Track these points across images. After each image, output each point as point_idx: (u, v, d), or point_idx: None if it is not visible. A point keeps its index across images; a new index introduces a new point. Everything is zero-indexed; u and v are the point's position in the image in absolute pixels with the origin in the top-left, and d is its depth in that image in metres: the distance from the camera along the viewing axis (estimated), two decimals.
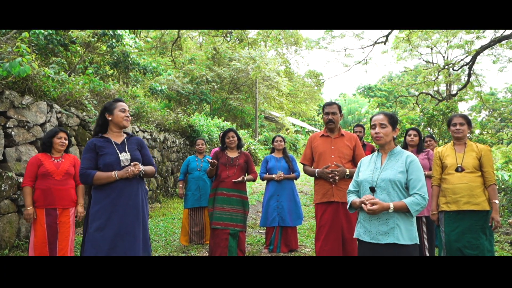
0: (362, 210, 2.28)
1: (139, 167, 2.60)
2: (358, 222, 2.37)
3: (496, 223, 3.09)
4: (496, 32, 12.97)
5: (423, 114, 10.22)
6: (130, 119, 2.82)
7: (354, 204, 2.32)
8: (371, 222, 2.26)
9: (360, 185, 2.40)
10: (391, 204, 2.17)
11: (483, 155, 3.15)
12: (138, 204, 2.66)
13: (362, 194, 2.36)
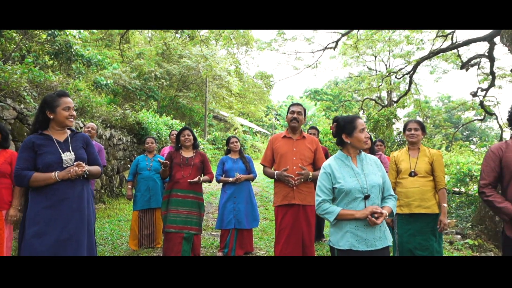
0: (354, 219, 2.19)
1: (83, 167, 2.37)
2: (346, 232, 2.21)
3: (443, 225, 3.25)
4: (433, 45, 13.91)
5: (368, 119, 10.65)
6: (75, 118, 2.58)
7: (351, 216, 2.18)
8: (367, 230, 2.21)
9: (346, 194, 2.23)
10: (385, 212, 2.19)
11: (434, 160, 3.32)
12: (83, 207, 2.44)
13: (348, 202, 2.23)
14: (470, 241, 5.39)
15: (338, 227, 2.24)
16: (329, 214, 2.22)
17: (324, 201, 2.27)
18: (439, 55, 14.65)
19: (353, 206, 2.21)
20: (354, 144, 2.32)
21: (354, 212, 2.18)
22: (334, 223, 2.25)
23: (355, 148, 2.34)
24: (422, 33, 16.41)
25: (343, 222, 2.22)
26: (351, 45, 16.67)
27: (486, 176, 2.45)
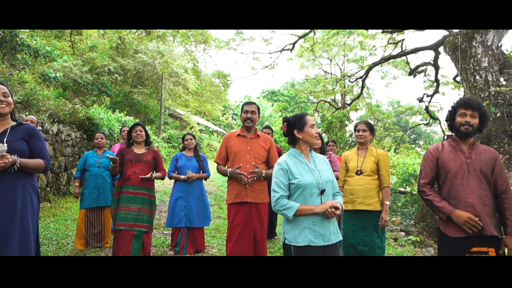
0: (311, 215, 2.23)
1: (10, 158, 2.21)
2: (304, 229, 2.23)
3: (384, 222, 3.41)
4: (385, 52, 14.55)
5: (322, 120, 10.94)
6: (11, 105, 2.41)
7: (310, 211, 2.22)
8: (324, 225, 2.26)
9: (303, 189, 2.26)
10: (339, 206, 2.26)
11: (380, 160, 3.48)
12: (14, 204, 2.26)
13: (305, 198, 2.27)
14: (413, 238, 5.70)
15: (295, 224, 2.27)
16: (288, 210, 2.23)
17: (282, 197, 2.28)
18: (390, 61, 15.35)
19: (310, 201, 2.26)
20: (305, 139, 2.38)
21: (313, 207, 2.23)
22: (291, 220, 2.27)
23: (307, 143, 2.41)
24: (375, 40, 17.12)
25: (301, 219, 2.25)
26: (307, 47, 17.03)
27: (425, 175, 2.61)
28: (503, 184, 2.49)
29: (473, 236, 2.39)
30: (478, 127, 2.55)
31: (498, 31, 6.46)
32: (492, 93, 5.89)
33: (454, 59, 6.83)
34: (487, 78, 6.17)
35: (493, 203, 2.49)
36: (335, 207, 2.19)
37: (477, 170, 2.46)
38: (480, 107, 2.54)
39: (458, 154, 2.53)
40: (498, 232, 2.42)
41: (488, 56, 6.33)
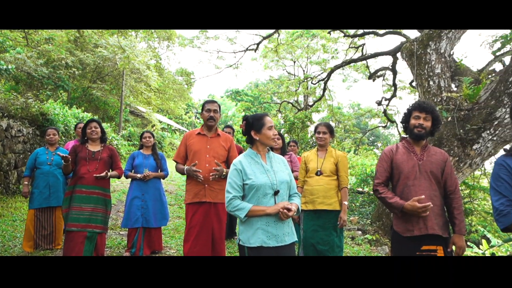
0: (264, 216, 2.22)
1: None
2: (257, 229, 2.21)
3: (343, 222, 3.49)
4: (346, 55, 14.93)
5: (284, 121, 11.05)
6: None
7: (262, 211, 2.20)
8: (278, 226, 2.25)
9: (257, 190, 2.25)
10: (294, 208, 2.25)
11: (339, 161, 3.56)
12: None
13: (258, 198, 2.25)
14: (369, 236, 5.87)
15: (249, 225, 2.25)
16: (240, 211, 2.21)
17: (235, 198, 2.26)
18: (351, 65, 15.77)
19: (264, 202, 2.24)
20: (262, 141, 2.36)
21: (265, 208, 2.21)
22: (244, 221, 2.25)
23: (264, 145, 2.39)
24: (337, 43, 17.54)
25: (254, 219, 2.24)
26: (271, 48, 17.15)
27: (380, 175, 2.69)
28: (452, 185, 2.61)
29: (423, 235, 2.48)
30: (430, 130, 2.66)
31: (450, 39, 6.80)
32: (444, 98, 6.19)
33: (410, 64, 7.12)
34: (440, 84, 6.48)
35: (442, 203, 2.61)
36: (287, 208, 2.19)
37: (428, 172, 2.57)
38: (433, 110, 2.65)
39: (411, 156, 2.63)
40: (446, 231, 2.54)
41: (441, 63, 6.65)
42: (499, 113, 5.03)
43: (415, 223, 2.50)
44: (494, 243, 6.88)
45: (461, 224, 2.56)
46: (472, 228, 8.16)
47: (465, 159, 5.48)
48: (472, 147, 5.38)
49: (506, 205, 1.89)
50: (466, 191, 7.98)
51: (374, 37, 13.15)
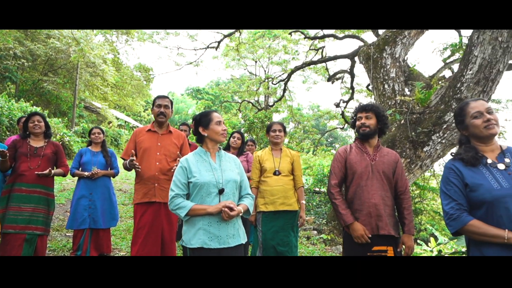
0: (208, 216, 2.13)
1: None
2: (199, 230, 2.13)
3: (303, 221, 3.49)
4: (307, 57, 15.14)
5: (244, 120, 11.01)
6: None
7: (203, 210, 2.11)
8: (221, 227, 2.15)
9: (200, 188, 2.17)
10: (241, 209, 2.18)
11: (295, 160, 3.54)
12: None
13: (202, 197, 2.17)
14: (324, 236, 5.94)
15: (191, 225, 2.16)
16: (181, 209, 2.13)
17: (178, 196, 2.17)
18: (311, 66, 16.03)
19: (207, 201, 2.16)
20: (211, 137, 2.29)
21: (206, 207, 2.12)
22: (186, 220, 2.16)
23: (213, 141, 2.31)
24: (298, 45, 17.75)
25: (196, 219, 2.15)
26: (233, 47, 17.06)
27: (335, 176, 2.68)
28: (402, 185, 2.66)
29: (374, 235, 2.50)
30: (378, 127, 2.70)
31: (405, 45, 7.03)
32: (398, 102, 6.38)
33: (367, 68, 7.29)
34: (394, 87, 6.68)
35: (393, 204, 2.65)
36: (229, 207, 2.11)
37: (380, 172, 2.60)
38: (373, 108, 2.69)
39: (364, 156, 2.64)
40: (396, 231, 2.58)
41: (396, 67, 6.86)
42: (448, 117, 5.24)
43: (367, 224, 2.52)
44: (441, 241, 7.20)
45: (410, 224, 2.61)
46: (421, 227, 8.51)
47: (416, 161, 5.67)
48: (422, 149, 5.58)
49: (456, 209, 1.91)
50: (416, 191, 8.30)
51: (334, 40, 13.45)
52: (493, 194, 1.82)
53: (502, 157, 1.93)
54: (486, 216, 1.84)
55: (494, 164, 1.91)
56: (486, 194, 1.83)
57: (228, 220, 2.14)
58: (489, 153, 1.96)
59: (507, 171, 1.87)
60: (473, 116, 1.97)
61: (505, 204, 1.79)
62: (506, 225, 1.77)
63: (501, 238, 1.74)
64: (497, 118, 1.95)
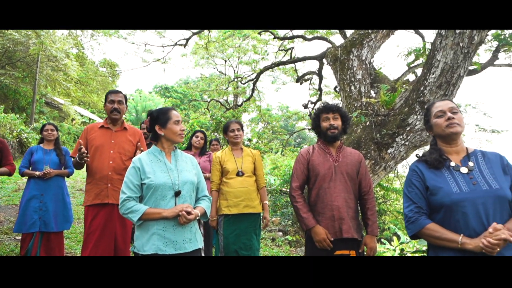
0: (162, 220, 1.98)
1: None
2: (153, 235, 1.98)
3: (267, 221, 3.39)
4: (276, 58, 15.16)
5: (211, 119, 10.84)
6: None
7: (158, 214, 1.97)
8: (177, 231, 2.01)
9: (155, 190, 2.02)
10: (198, 212, 2.06)
11: (256, 160, 3.43)
12: None
13: (156, 200, 2.02)
14: (289, 237, 5.88)
15: (145, 230, 2.00)
16: (133, 213, 1.96)
17: (129, 199, 2.00)
18: (280, 67, 16.06)
19: (162, 204, 2.01)
20: (168, 137, 2.14)
21: (161, 211, 1.98)
22: (139, 225, 2.00)
23: (170, 141, 2.17)
24: (267, 45, 17.74)
25: (150, 224, 1.99)
26: (202, 45, 16.81)
27: (297, 178, 2.60)
28: (366, 186, 2.62)
29: (336, 239, 2.44)
30: (342, 128, 2.65)
31: (371, 47, 7.11)
32: (364, 104, 6.43)
33: (334, 69, 7.31)
34: (360, 89, 6.73)
35: (356, 206, 2.60)
36: (186, 211, 1.98)
37: (344, 173, 2.54)
38: (339, 108, 2.64)
39: (327, 157, 2.58)
40: (359, 234, 2.53)
41: (362, 69, 6.92)
42: (411, 119, 5.31)
43: (331, 228, 2.45)
44: (403, 240, 7.34)
45: (373, 225, 2.57)
46: (385, 226, 8.67)
47: (381, 162, 5.72)
48: (387, 151, 5.63)
49: (415, 212, 1.88)
50: (380, 192, 8.44)
51: (303, 41, 13.51)
52: (451, 198, 1.78)
53: (467, 161, 1.89)
54: (444, 220, 1.81)
55: (457, 168, 1.87)
56: (445, 198, 1.80)
57: (185, 224, 2.00)
58: (453, 155, 1.93)
59: (469, 175, 1.83)
60: (436, 115, 1.93)
61: (462, 209, 1.75)
62: (462, 230, 1.74)
63: (455, 243, 1.71)
64: (460, 118, 1.91)
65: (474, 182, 1.80)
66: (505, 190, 1.76)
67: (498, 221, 1.69)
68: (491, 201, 1.74)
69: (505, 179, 1.80)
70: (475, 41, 4.75)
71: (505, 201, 1.74)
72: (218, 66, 23.35)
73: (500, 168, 1.84)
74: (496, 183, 1.77)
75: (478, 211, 1.73)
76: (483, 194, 1.75)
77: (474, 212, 1.73)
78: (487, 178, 1.80)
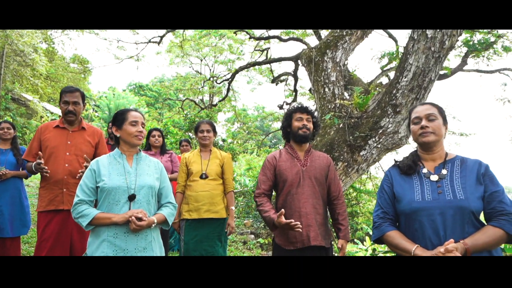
0: (114, 226, 1.86)
1: None
2: (103, 241, 1.87)
3: (231, 229, 3.26)
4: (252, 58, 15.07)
5: (185, 118, 10.64)
6: None
7: (108, 219, 1.85)
8: (129, 239, 1.88)
9: (108, 193, 1.90)
10: (155, 219, 1.92)
11: (225, 163, 3.29)
12: None
13: (110, 204, 1.90)
14: (261, 240, 5.79)
15: (96, 236, 1.88)
16: (83, 218, 1.85)
17: (82, 202, 1.89)
18: (256, 67, 15.99)
19: (115, 209, 1.89)
20: (124, 138, 2.00)
21: (111, 216, 1.85)
22: (92, 230, 1.89)
23: (128, 144, 2.03)
24: (243, 45, 17.64)
25: (101, 230, 1.87)
26: (177, 43, 16.52)
27: (262, 185, 2.49)
28: (335, 190, 2.54)
29: (304, 248, 2.35)
30: (312, 132, 2.57)
31: (346, 49, 7.12)
32: (337, 106, 6.42)
33: (308, 70, 7.28)
34: (334, 91, 6.71)
35: (325, 211, 2.52)
36: (137, 217, 1.84)
37: (312, 178, 2.45)
38: (312, 112, 2.57)
39: (295, 162, 2.48)
40: (327, 241, 2.45)
41: (336, 71, 6.91)
42: (384, 122, 5.32)
43: (298, 235, 2.35)
44: None
45: (345, 230, 2.50)
46: (358, 226, 8.73)
47: (353, 165, 5.71)
48: (359, 154, 5.62)
49: (380, 217, 1.85)
50: (353, 194, 8.48)
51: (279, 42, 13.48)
52: (411, 207, 1.74)
53: (441, 168, 1.82)
54: (405, 228, 1.78)
55: (428, 175, 1.81)
56: (406, 206, 1.76)
57: (136, 231, 1.85)
58: (429, 162, 1.86)
59: (438, 183, 1.77)
60: (413, 121, 1.88)
61: (420, 218, 1.70)
62: (420, 240, 1.69)
63: (408, 253, 1.66)
64: (437, 126, 1.82)
65: (440, 191, 1.73)
66: (470, 201, 1.68)
67: (457, 233, 1.64)
68: (452, 212, 1.67)
69: (475, 189, 1.72)
70: (446, 46, 4.80)
71: (468, 212, 1.66)
72: (194, 65, 23.06)
73: (474, 177, 1.75)
74: (462, 193, 1.71)
75: (434, 221, 1.67)
76: (444, 204, 1.69)
77: (430, 222, 1.68)
78: (456, 187, 1.73)
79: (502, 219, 1.64)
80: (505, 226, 1.63)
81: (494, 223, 1.65)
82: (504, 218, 1.64)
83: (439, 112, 1.86)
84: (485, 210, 1.70)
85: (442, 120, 1.86)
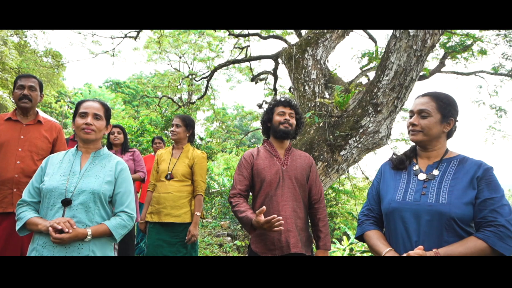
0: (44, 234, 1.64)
1: None
2: (32, 250, 1.66)
3: (191, 237, 2.95)
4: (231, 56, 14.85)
5: (161, 117, 10.35)
6: None
7: (35, 226, 1.64)
8: (57, 250, 1.63)
9: (44, 196, 1.68)
10: (89, 231, 1.64)
11: (195, 163, 3.01)
12: None
13: (46, 208, 1.67)
14: (238, 243, 5.59)
15: (32, 242, 1.70)
16: (18, 221, 1.68)
17: (23, 204, 1.70)
18: (235, 65, 15.78)
19: (50, 214, 1.67)
20: (76, 133, 1.77)
21: (39, 222, 1.64)
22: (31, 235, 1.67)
23: (80, 139, 1.80)
24: (223, 43, 17.40)
25: (35, 236, 1.67)
26: (155, 39, 16.14)
27: (237, 185, 2.28)
28: (317, 193, 2.35)
29: (283, 256, 2.15)
30: (295, 130, 2.37)
31: (326, 47, 7.01)
32: (318, 104, 6.29)
33: (289, 68, 7.13)
34: (315, 89, 6.58)
35: (306, 215, 2.33)
36: (55, 227, 1.59)
37: (293, 178, 2.25)
38: (296, 107, 2.37)
39: (274, 161, 2.28)
40: (308, 249, 2.25)
41: (317, 69, 6.78)
42: (364, 121, 5.21)
43: (277, 241, 2.14)
44: (353, 240, 7.36)
45: (326, 238, 2.30)
46: (336, 226, 8.68)
47: (333, 165, 5.59)
48: (340, 153, 5.50)
49: (364, 214, 1.77)
50: (332, 194, 8.39)
51: (259, 40, 13.31)
52: (390, 206, 1.62)
53: (433, 167, 1.66)
54: (387, 228, 1.69)
55: (417, 172, 1.66)
56: (385, 205, 1.66)
57: (60, 243, 1.61)
58: (424, 159, 1.71)
59: (425, 183, 1.61)
60: (409, 114, 1.74)
61: (395, 219, 1.59)
62: (393, 242, 1.60)
63: (380, 255, 1.57)
64: (427, 124, 1.64)
65: (424, 193, 1.59)
66: (452, 206, 1.51)
67: (433, 240, 1.48)
68: (428, 217, 1.52)
69: (463, 194, 1.54)
70: (428, 45, 4.72)
71: (447, 219, 1.50)
72: (173, 62, 22.64)
73: (467, 180, 1.57)
74: (446, 197, 1.54)
75: (409, 225, 1.54)
76: (422, 208, 1.55)
77: (403, 225, 1.56)
78: (442, 190, 1.57)
79: (488, 231, 1.46)
80: (489, 239, 1.44)
81: (478, 235, 1.47)
82: (491, 230, 1.46)
83: (437, 108, 1.66)
84: (475, 219, 1.52)
85: (441, 117, 1.65)
